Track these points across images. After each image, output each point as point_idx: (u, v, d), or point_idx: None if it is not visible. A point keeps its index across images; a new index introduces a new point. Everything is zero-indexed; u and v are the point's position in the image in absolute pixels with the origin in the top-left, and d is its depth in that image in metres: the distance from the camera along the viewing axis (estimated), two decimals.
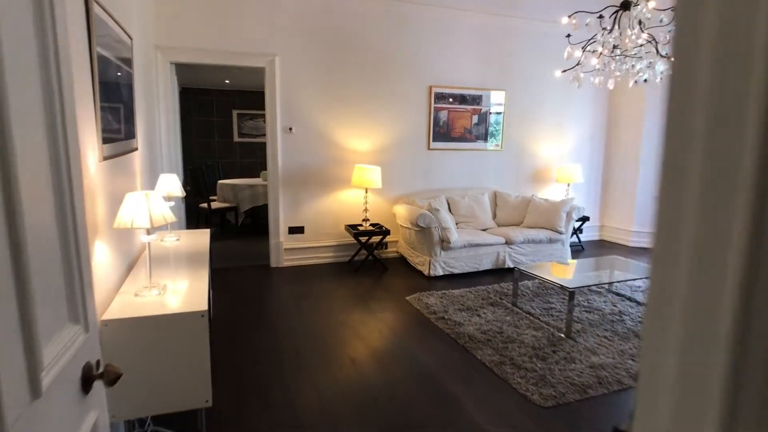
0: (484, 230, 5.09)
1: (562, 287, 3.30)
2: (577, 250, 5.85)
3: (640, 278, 3.61)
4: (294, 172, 4.81)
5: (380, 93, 5.02)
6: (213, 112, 8.19)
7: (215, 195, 6.63)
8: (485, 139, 5.62)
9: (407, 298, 3.97)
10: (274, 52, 4.54)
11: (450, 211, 5.11)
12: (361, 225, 4.89)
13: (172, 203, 3.13)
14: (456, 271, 4.63)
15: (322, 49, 4.71)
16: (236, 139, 8.32)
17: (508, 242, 4.80)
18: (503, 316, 3.57)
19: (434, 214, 4.47)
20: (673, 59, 0.38)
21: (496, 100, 5.59)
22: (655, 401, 0.40)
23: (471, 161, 5.61)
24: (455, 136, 5.46)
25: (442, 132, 5.38)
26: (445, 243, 4.50)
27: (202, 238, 3.16)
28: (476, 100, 5.48)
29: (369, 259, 4.97)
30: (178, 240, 3.10)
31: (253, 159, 8.41)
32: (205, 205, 6.07)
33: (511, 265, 4.86)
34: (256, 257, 5.18)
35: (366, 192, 4.84)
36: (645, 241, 6.09)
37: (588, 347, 3.07)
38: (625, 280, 3.52)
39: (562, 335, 3.25)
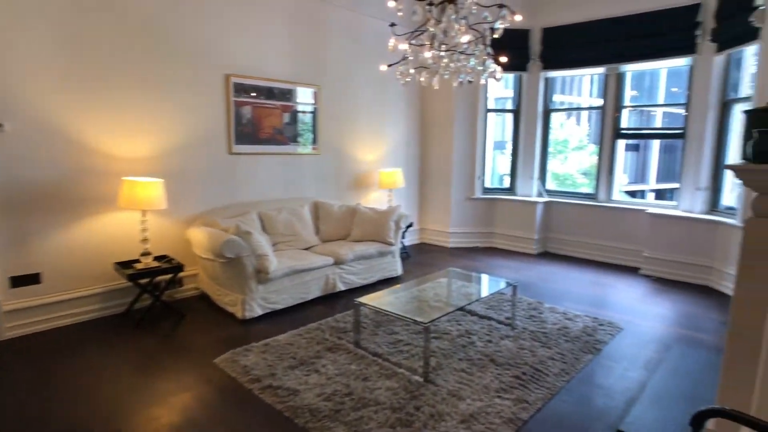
0: (307, 249, 4.28)
1: (415, 322, 2.74)
2: (404, 257, 5.56)
3: (492, 294, 3.36)
4: (13, 191, 3.10)
5: (159, 79, 3.68)
6: None
7: None
8: (300, 142, 4.80)
9: (216, 360, 2.86)
10: None
11: (264, 230, 4.12)
12: (138, 261, 3.49)
13: None
14: (279, 306, 3.69)
15: (60, 5, 3.14)
16: None
17: (338, 262, 4.10)
18: (347, 365, 2.82)
19: (244, 238, 3.44)
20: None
21: (309, 97, 4.82)
22: None
23: (285, 167, 4.71)
24: (264, 137, 4.48)
25: (247, 132, 4.33)
26: (262, 274, 3.51)
27: None
28: (286, 95, 4.61)
29: (157, 304, 3.61)
30: None
31: None
32: None
33: (343, 288, 4.18)
34: None
35: (144, 214, 3.47)
36: (462, 242, 6.23)
37: (451, 390, 2.56)
38: (478, 300, 3.20)
39: (420, 378, 2.68)
